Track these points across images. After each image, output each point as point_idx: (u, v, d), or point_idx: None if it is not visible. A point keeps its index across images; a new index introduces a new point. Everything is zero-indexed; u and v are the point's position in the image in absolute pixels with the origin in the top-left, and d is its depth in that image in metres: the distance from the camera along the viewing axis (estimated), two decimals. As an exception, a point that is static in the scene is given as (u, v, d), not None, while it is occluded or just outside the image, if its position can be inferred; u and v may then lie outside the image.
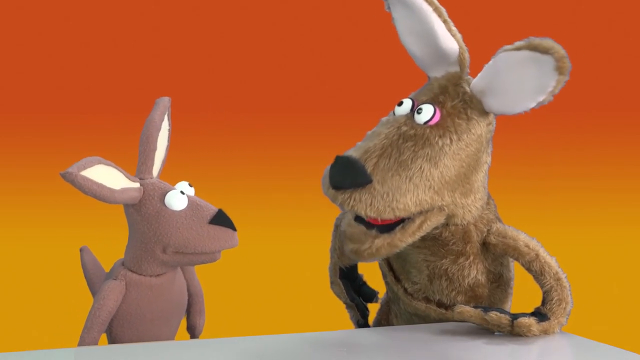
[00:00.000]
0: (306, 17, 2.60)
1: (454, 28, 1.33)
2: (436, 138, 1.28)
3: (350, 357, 1.23)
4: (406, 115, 1.32)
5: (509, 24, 2.50)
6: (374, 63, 2.55)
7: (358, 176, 1.24)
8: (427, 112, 1.30)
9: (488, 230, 1.37)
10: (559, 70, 1.20)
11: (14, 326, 1.90)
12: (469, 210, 1.34)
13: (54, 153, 2.53)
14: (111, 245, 1.57)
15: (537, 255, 1.33)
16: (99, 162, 1.32)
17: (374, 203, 1.24)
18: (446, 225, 1.34)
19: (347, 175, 1.25)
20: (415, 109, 1.31)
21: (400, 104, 1.34)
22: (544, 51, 1.20)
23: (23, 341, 1.74)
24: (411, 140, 1.28)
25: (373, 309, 1.57)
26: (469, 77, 1.35)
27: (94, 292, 1.52)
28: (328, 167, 1.28)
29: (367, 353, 1.28)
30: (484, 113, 1.32)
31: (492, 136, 1.36)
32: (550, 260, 1.34)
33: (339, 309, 1.59)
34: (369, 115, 1.45)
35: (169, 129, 1.48)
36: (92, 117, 2.59)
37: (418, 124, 1.30)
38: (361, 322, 1.55)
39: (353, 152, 1.29)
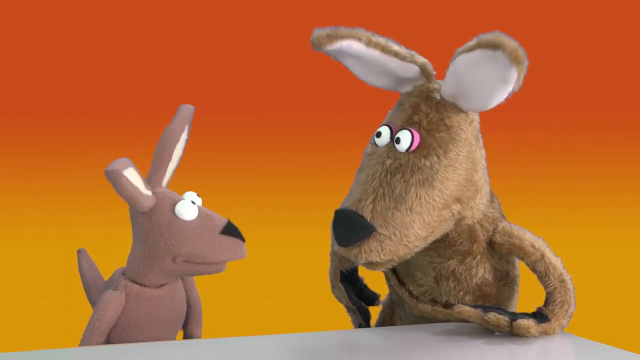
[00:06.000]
0: (307, 17, 2.60)
1: (406, 53, 1.29)
2: (422, 161, 1.26)
3: (350, 357, 1.23)
4: (387, 146, 1.29)
5: (503, 19, 2.50)
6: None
7: (360, 229, 1.24)
8: (405, 139, 1.27)
9: (494, 229, 1.36)
10: (515, 62, 1.17)
11: (14, 326, 1.89)
12: (478, 209, 1.33)
13: (56, 153, 2.53)
14: (111, 246, 1.56)
15: (543, 255, 1.32)
16: (131, 165, 1.28)
17: (384, 247, 1.24)
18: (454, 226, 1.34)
19: (349, 231, 1.24)
20: (394, 138, 1.29)
21: (379, 135, 1.31)
22: (495, 48, 1.17)
23: (23, 341, 1.74)
24: (398, 172, 1.26)
25: (374, 312, 1.57)
26: (439, 82, 1.32)
27: (89, 296, 1.50)
28: (332, 223, 1.28)
29: (367, 353, 1.28)
30: (462, 115, 1.29)
31: (478, 130, 1.34)
32: (556, 261, 1.33)
33: (340, 310, 1.58)
34: (369, 115, 1.44)
35: (186, 139, 1.42)
36: (94, 117, 2.59)
37: (401, 153, 1.28)
38: (363, 325, 1.54)
39: (348, 203, 1.27)
